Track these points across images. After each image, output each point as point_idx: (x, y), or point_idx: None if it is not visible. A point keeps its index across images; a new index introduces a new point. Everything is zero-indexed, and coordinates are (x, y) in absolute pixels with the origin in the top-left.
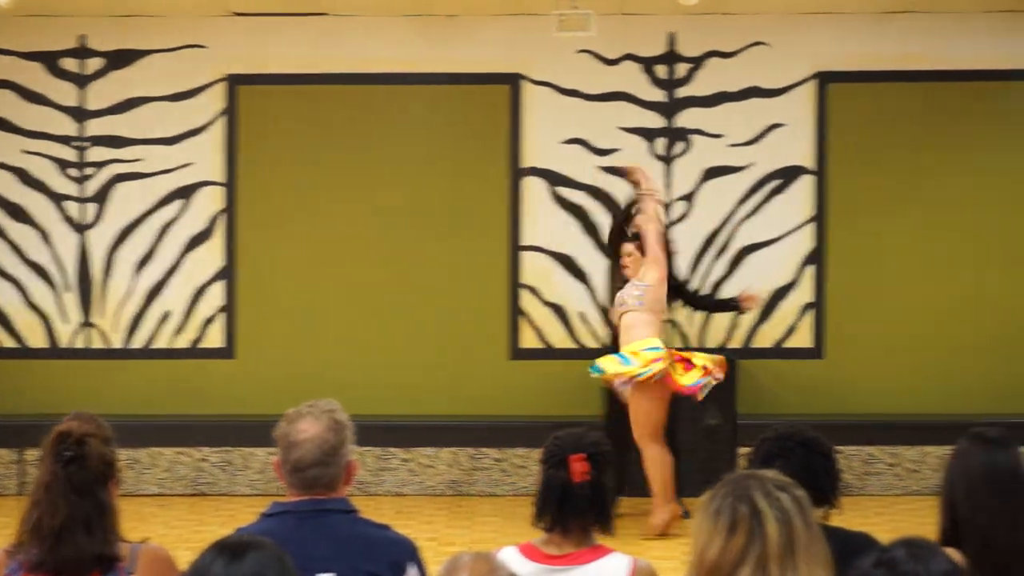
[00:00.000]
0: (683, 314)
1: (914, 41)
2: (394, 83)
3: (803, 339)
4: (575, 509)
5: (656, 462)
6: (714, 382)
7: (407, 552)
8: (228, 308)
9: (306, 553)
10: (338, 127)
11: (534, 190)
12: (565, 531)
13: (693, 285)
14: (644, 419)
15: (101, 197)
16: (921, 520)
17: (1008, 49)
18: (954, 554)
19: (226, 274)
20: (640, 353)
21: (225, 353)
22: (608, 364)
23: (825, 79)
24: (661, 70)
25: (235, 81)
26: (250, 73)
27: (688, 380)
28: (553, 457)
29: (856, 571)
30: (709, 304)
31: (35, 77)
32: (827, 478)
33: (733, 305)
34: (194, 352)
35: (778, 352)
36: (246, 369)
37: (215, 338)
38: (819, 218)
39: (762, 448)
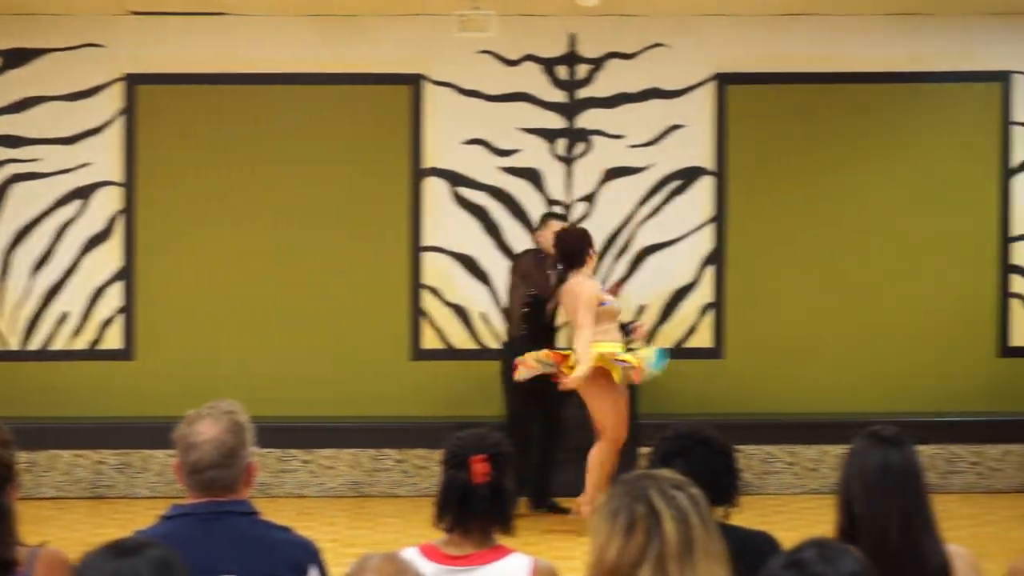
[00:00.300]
0: None
1: (811, 43)
2: (294, 83)
3: (703, 339)
4: (475, 510)
5: None
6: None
7: (308, 554)
8: (127, 309)
9: (206, 555)
10: (238, 127)
11: (435, 190)
12: (465, 532)
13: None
14: None
15: None
16: (819, 518)
17: (903, 51)
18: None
19: (125, 275)
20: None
21: (124, 355)
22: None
23: (724, 80)
24: (562, 71)
25: (134, 81)
26: (149, 73)
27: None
28: (454, 458)
29: (766, 571)
30: None
31: None
32: (727, 476)
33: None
34: (93, 354)
35: (678, 352)
36: (145, 371)
37: (114, 339)
38: (719, 219)
39: (662, 447)
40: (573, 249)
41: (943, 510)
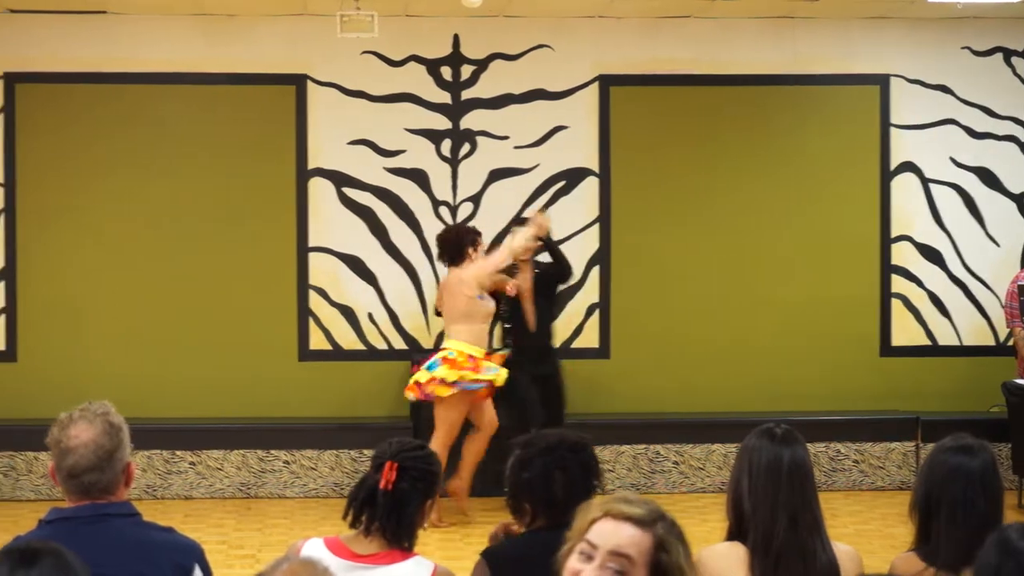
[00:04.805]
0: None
1: (693, 46)
2: (177, 83)
3: (589, 339)
4: (375, 513)
5: None
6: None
7: (192, 555)
8: (8, 310)
9: (87, 559)
10: (120, 127)
11: (321, 191)
12: (368, 531)
13: None
14: None
15: None
16: (705, 517)
17: (783, 54)
18: (739, 547)
19: (6, 275)
20: None
21: (7, 356)
22: None
23: (606, 82)
24: (446, 72)
25: (12, 79)
26: (28, 71)
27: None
28: (376, 458)
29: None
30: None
31: None
32: (597, 469)
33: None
34: None
35: (566, 352)
36: (29, 372)
37: None
38: (603, 219)
39: (535, 465)
40: (453, 246)
41: (828, 507)
